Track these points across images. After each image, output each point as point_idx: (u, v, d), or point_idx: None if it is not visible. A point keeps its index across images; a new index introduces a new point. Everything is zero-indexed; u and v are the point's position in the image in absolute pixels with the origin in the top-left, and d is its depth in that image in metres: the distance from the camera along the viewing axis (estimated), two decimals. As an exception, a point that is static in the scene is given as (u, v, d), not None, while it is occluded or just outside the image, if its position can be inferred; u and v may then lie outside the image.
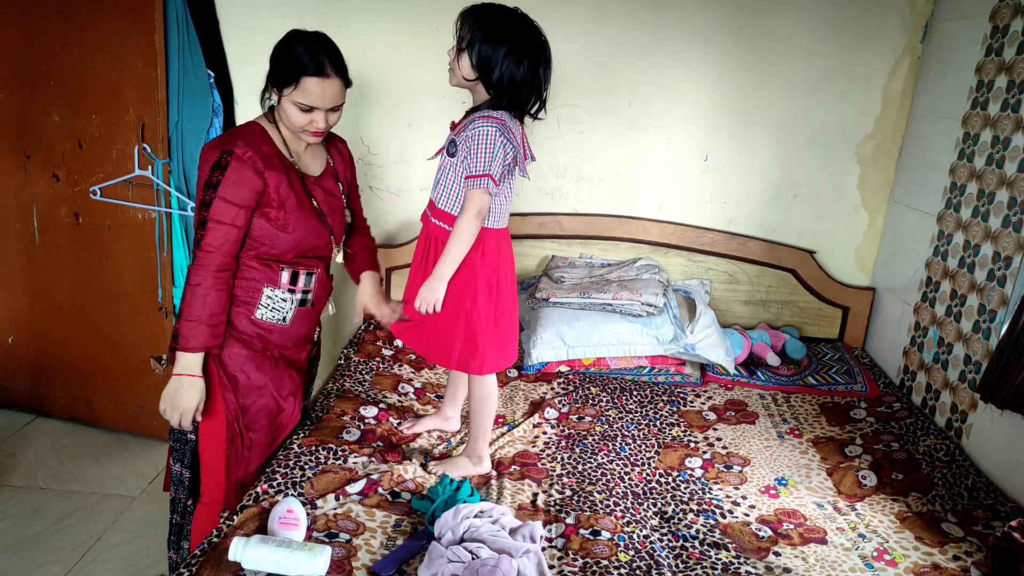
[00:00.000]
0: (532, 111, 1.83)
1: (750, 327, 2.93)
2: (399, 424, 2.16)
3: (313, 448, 1.94)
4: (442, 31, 2.71)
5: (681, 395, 2.49)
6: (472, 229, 1.79)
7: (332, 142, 1.98)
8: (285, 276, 1.80)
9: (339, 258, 1.98)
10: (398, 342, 2.65)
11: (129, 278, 2.87)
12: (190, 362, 1.72)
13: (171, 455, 1.95)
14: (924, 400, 2.45)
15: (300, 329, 1.90)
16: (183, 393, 1.73)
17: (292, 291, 1.82)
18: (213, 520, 1.82)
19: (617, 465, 2.04)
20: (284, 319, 1.83)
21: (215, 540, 1.57)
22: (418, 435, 2.13)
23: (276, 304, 1.80)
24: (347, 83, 1.76)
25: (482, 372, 1.91)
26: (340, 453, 1.95)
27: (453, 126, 1.88)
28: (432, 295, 1.81)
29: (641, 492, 1.94)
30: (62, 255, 2.92)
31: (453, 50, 1.78)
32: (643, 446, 2.16)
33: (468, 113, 1.84)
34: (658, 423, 2.30)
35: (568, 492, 1.89)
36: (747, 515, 1.86)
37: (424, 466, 1.93)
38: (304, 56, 1.68)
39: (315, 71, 1.69)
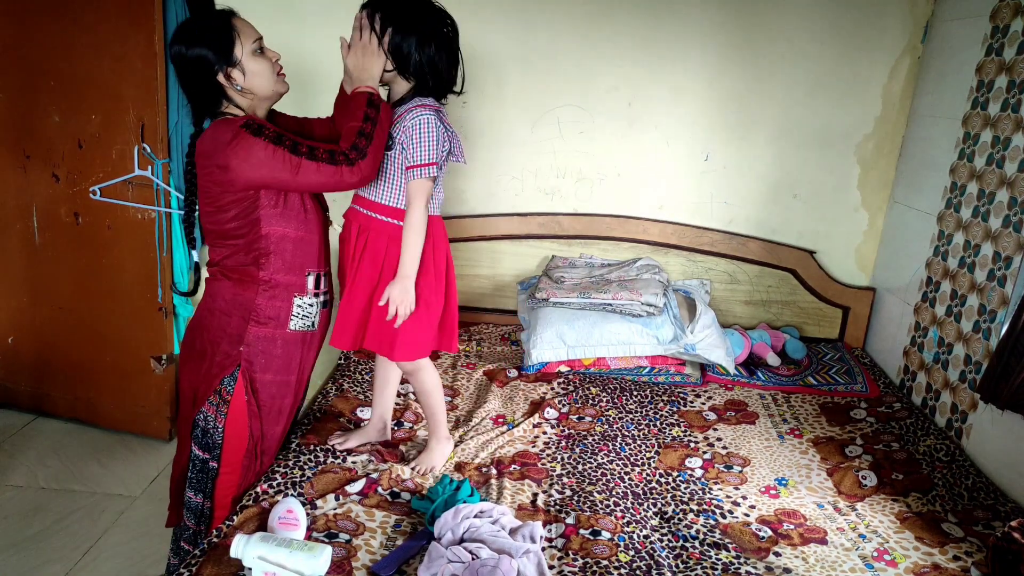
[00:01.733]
0: (454, 89, 1.85)
1: (750, 327, 2.93)
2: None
3: (313, 448, 1.94)
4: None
5: (681, 395, 2.49)
6: (425, 219, 1.80)
7: None
8: (311, 281, 1.78)
9: (337, 227, 1.93)
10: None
11: (129, 278, 2.87)
12: None
13: (186, 488, 1.84)
14: (924, 400, 2.45)
15: (323, 329, 1.89)
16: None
17: (317, 295, 1.80)
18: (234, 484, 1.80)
19: (617, 465, 2.04)
20: (313, 324, 1.82)
21: (215, 540, 1.57)
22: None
23: (305, 311, 1.78)
24: None
25: (423, 356, 1.90)
26: (339, 453, 1.95)
27: None
28: (406, 294, 1.78)
29: (641, 492, 1.94)
30: (62, 255, 2.92)
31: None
32: (643, 446, 2.16)
33: (392, 106, 1.84)
34: (658, 423, 2.30)
35: (568, 492, 1.89)
36: (747, 515, 1.86)
37: (413, 470, 1.93)
38: (212, 14, 1.67)
39: (230, 13, 1.68)
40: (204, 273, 1.83)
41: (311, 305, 1.79)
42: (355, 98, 1.72)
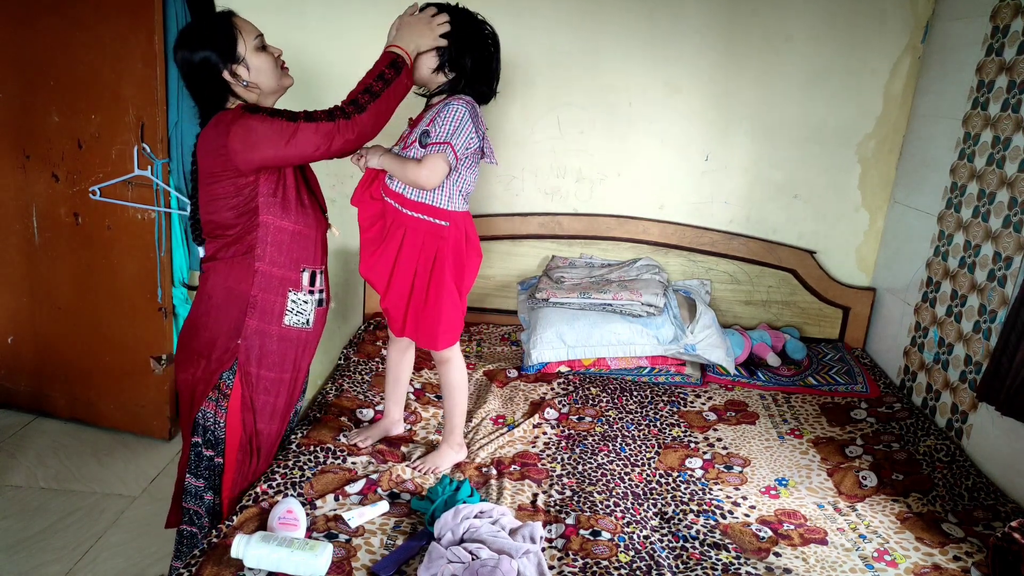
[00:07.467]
0: (488, 90, 1.88)
1: (750, 327, 2.93)
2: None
3: (312, 448, 1.94)
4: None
5: (681, 395, 2.49)
6: (414, 181, 1.78)
7: None
8: (306, 277, 1.79)
9: (336, 232, 1.93)
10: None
11: (129, 278, 2.87)
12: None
13: (200, 485, 1.85)
14: (924, 400, 2.45)
15: (318, 331, 1.89)
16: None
17: (311, 292, 1.80)
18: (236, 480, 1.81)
19: (617, 465, 2.04)
20: (308, 322, 1.82)
21: (215, 540, 1.57)
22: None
23: (300, 308, 1.79)
24: None
25: (450, 344, 1.93)
26: (339, 453, 1.95)
27: (412, 122, 1.89)
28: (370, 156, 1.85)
29: (641, 492, 1.93)
30: (62, 255, 2.92)
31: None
32: (643, 446, 2.16)
33: (428, 105, 1.87)
34: (658, 423, 2.30)
35: (568, 492, 1.89)
36: (747, 515, 1.86)
37: (411, 466, 1.93)
38: (212, 16, 1.71)
39: (229, 13, 1.71)
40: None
41: (305, 302, 1.79)
42: (380, 57, 1.73)
